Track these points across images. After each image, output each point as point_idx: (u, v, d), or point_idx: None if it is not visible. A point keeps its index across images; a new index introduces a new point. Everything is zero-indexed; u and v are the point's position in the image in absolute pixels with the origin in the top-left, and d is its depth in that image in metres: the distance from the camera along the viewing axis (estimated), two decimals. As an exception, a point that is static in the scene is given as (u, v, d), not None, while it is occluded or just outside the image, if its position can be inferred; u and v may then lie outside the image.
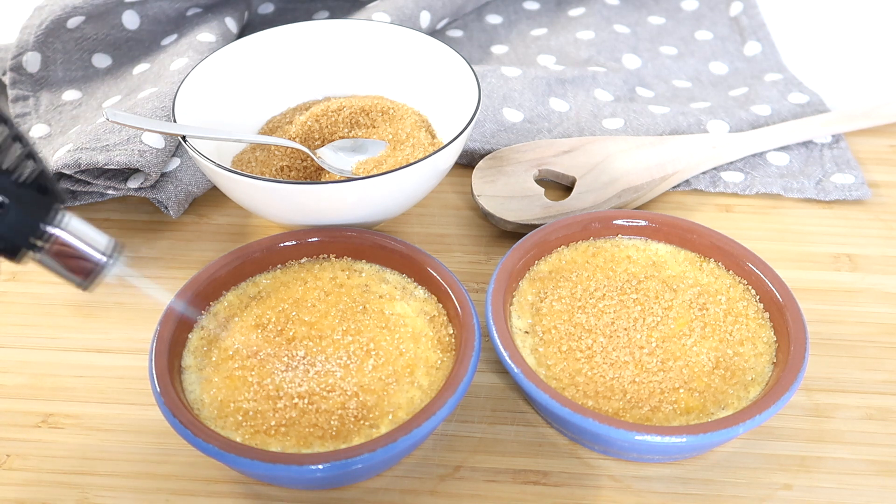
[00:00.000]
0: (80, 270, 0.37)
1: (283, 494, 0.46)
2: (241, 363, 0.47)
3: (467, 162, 0.67)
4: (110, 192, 0.61)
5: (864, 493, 0.46)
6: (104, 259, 0.37)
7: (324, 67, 0.66)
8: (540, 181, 0.64)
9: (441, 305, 0.51)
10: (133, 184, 0.60)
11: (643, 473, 0.47)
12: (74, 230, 0.37)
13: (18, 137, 0.34)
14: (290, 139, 0.61)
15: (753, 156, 0.68)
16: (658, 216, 0.55)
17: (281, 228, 0.60)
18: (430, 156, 0.53)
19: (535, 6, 0.88)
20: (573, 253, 0.55)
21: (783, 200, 0.65)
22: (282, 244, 0.53)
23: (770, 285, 0.51)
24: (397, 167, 0.53)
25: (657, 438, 0.43)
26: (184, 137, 0.54)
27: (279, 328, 0.49)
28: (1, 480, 0.47)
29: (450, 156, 0.55)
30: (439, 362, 0.48)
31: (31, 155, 0.35)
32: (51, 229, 0.36)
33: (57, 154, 0.60)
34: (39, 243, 0.36)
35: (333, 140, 0.62)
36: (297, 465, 0.41)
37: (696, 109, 0.71)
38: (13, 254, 0.35)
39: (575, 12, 0.86)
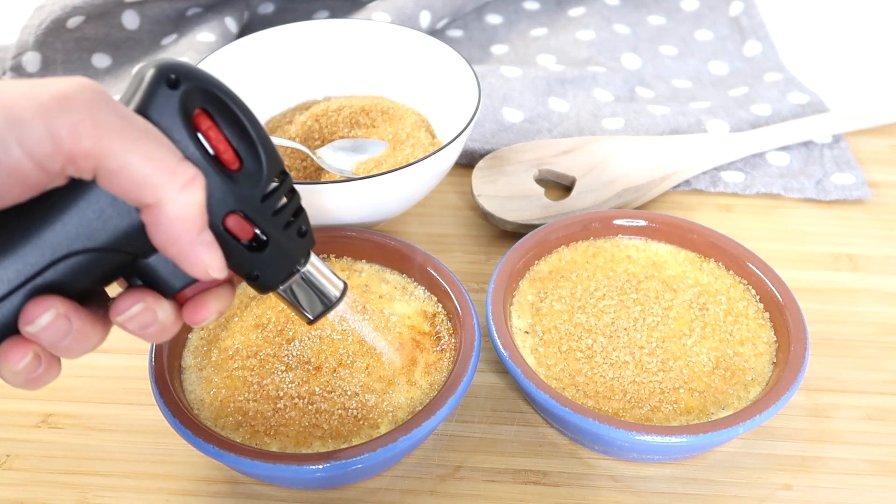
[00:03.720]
0: (314, 307, 0.39)
1: (282, 494, 0.46)
2: (241, 363, 0.47)
3: (467, 162, 0.67)
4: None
5: (864, 493, 0.46)
6: (336, 298, 0.40)
7: (324, 67, 0.66)
8: (540, 181, 0.64)
9: (441, 305, 0.51)
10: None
11: (643, 473, 0.47)
12: (318, 270, 0.39)
13: (293, 190, 0.36)
14: (290, 139, 0.61)
15: (753, 156, 0.68)
16: (658, 216, 0.55)
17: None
18: (430, 156, 0.53)
19: (535, 6, 0.88)
20: (573, 253, 0.55)
21: (783, 200, 0.65)
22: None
23: (770, 285, 0.51)
24: (397, 167, 0.53)
25: (657, 438, 0.43)
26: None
27: (279, 328, 0.49)
28: (1, 480, 0.47)
29: (450, 156, 0.55)
30: (439, 362, 0.48)
31: (295, 199, 0.37)
32: (300, 268, 0.38)
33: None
34: (288, 281, 0.38)
35: (333, 140, 0.62)
36: (296, 465, 0.41)
37: (696, 109, 0.71)
38: (264, 290, 0.37)
39: (575, 12, 0.86)
